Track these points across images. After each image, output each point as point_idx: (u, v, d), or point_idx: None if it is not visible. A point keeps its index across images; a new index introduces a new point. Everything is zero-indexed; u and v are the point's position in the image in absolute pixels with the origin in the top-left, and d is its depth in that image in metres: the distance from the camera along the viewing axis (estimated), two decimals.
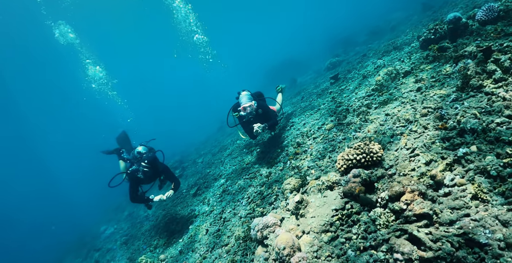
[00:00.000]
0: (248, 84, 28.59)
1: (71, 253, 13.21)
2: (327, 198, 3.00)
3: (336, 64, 11.84)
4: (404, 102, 3.84)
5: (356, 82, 6.36)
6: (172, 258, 5.13)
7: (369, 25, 17.19)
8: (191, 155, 15.92)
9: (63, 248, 15.28)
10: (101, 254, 9.95)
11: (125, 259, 7.62)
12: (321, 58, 17.81)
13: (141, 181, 5.46)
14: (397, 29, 11.85)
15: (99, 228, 13.37)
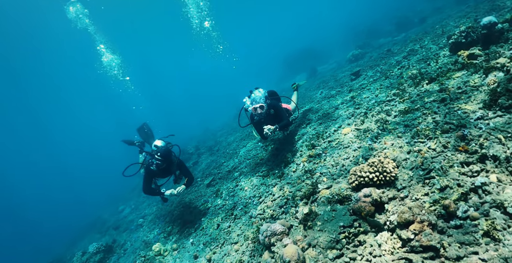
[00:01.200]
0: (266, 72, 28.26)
1: (92, 229, 14.05)
2: (336, 213, 3.01)
3: (359, 57, 11.40)
4: (426, 113, 3.69)
5: (378, 83, 6.13)
6: (184, 248, 5.37)
7: (396, 15, 16.24)
8: (207, 141, 16.17)
9: (84, 224, 16.24)
10: (118, 233, 10.53)
11: (140, 241, 8.03)
12: (343, 48, 17.19)
13: (155, 174, 5.60)
14: (426, 22, 11.16)
15: (117, 207, 14.09)
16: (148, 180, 5.51)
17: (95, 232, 13.28)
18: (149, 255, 5.58)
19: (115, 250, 8.83)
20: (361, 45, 13.55)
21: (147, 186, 5.46)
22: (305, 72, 17.50)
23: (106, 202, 17.57)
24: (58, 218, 23.09)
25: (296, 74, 20.05)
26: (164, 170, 5.60)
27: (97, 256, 8.24)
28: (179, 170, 5.94)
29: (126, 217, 12.11)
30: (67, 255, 12.09)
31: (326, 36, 24.49)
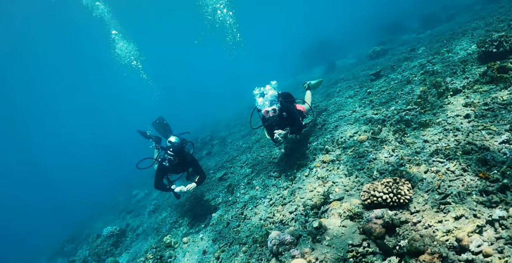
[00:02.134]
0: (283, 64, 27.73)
1: (107, 210, 14.66)
2: (346, 229, 3.01)
3: (380, 54, 11.01)
4: (448, 129, 3.56)
5: (398, 87, 5.93)
6: (194, 242, 5.54)
7: (423, 10, 15.40)
8: (221, 131, 16.28)
9: (100, 205, 16.93)
10: (132, 217, 10.96)
11: (152, 228, 8.33)
12: (365, 41, 16.57)
13: (167, 170, 5.69)
14: (454, 20, 10.56)
15: (131, 191, 14.57)
16: (160, 175, 5.62)
17: (110, 213, 13.85)
18: (160, 246, 5.78)
19: (128, 234, 9.23)
20: (383, 41, 13.00)
21: (158, 181, 5.59)
22: (323, 65, 17.08)
23: (122, 184, 18.15)
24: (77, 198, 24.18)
25: (313, 66, 19.63)
26: (176, 166, 5.69)
27: (111, 240, 8.64)
28: (192, 167, 5.98)
29: (140, 201, 12.53)
30: (83, 233, 12.74)
31: (347, 29, 23.66)
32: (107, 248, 8.28)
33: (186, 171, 6.08)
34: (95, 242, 8.66)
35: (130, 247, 8.15)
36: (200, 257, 4.95)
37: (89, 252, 8.50)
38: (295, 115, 5.28)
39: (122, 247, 8.34)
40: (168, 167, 5.53)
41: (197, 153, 13.50)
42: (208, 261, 4.67)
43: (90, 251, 8.45)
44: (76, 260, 8.52)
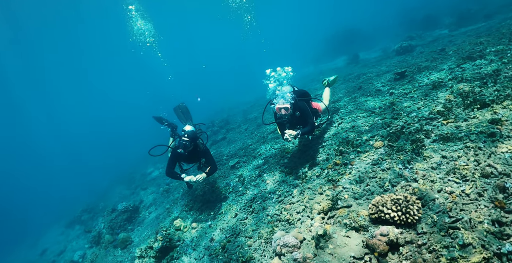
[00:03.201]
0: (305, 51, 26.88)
1: (123, 185, 15.33)
2: (350, 240, 3.05)
3: (408, 50, 10.48)
4: (469, 147, 3.43)
5: (423, 92, 5.68)
6: (202, 229, 5.77)
7: (459, 5, 14.30)
8: (237, 115, 16.34)
9: (116, 178, 17.67)
10: (146, 194, 11.43)
11: (163, 208, 8.70)
12: (393, 34, 15.79)
13: (180, 158, 5.76)
14: (492, 19, 9.80)
15: (147, 168, 15.11)
16: (172, 162, 5.68)
17: (125, 187, 14.49)
18: (170, 229, 6.06)
19: (141, 210, 9.69)
20: (412, 36, 12.28)
21: (170, 168, 5.64)
22: (346, 56, 16.50)
23: (139, 159, 18.73)
24: (98, 169, 25.37)
25: (336, 56, 19.00)
26: (190, 156, 5.75)
27: (125, 215, 9.11)
28: (204, 157, 6.02)
29: (154, 179, 13.00)
30: (99, 205, 13.47)
31: (376, 18, 22.43)
32: (121, 222, 8.78)
33: (199, 161, 6.13)
34: (110, 216, 9.18)
35: (142, 224, 8.60)
36: (207, 244, 5.16)
37: (104, 224, 9.04)
38: (308, 116, 5.10)
39: (135, 223, 8.81)
40: (182, 153, 5.53)
41: (212, 137, 13.70)
42: (214, 249, 4.87)
43: (105, 224, 8.99)
44: (92, 231, 9.10)
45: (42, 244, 13.98)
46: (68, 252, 10.41)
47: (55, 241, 12.80)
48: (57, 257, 10.73)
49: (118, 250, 7.42)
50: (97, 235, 8.71)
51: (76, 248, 10.16)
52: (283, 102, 4.87)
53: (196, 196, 7.35)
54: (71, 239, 11.63)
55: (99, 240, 8.56)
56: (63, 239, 12.29)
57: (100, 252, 7.93)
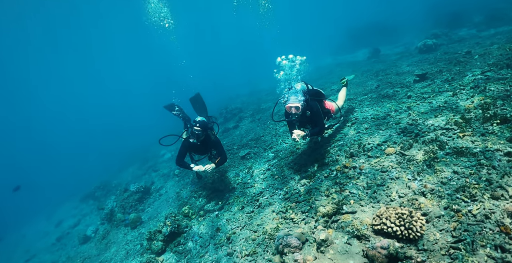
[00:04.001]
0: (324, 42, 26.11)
1: (136, 164, 15.82)
2: (351, 248, 3.14)
3: (431, 49, 10.07)
4: (482, 165, 3.38)
5: (442, 98, 5.53)
6: (209, 217, 5.98)
7: (490, 3, 13.40)
8: (251, 104, 16.32)
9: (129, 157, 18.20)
10: (157, 176, 11.78)
11: (174, 191, 9.00)
12: (417, 30, 15.09)
13: (192, 148, 5.83)
14: None
15: (159, 151, 15.47)
16: (183, 152, 5.76)
17: (138, 167, 14.95)
18: (178, 215, 6.31)
19: (152, 192, 10.05)
20: (438, 34, 11.70)
21: (180, 158, 5.72)
22: (367, 49, 15.99)
23: (153, 141, 19.11)
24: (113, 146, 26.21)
25: (357, 49, 18.43)
26: (201, 146, 5.80)
27: (136, 195, 9.49)
28: (215, 148, 6.06)
29: (166, 162, 13.33)
30: (113, 182, 14.01)
31: (401, 12, 21.32)
32: (132, 202, 9.17)
33: (209, 151, 6.17)
34: (122, 195, 9.59)
35: (152, 205, 8.96)
36: (213, 234, 5.37)
37: (116, 203, 9.48)
38: (319, 117, 4.99)
39: (145, 204, 9.19)
40: (194, 143, 5.60)
41: (225, 124, 13.82)
42: (220, 239, 5.07)
43: (117, 203, 9.42)
44: (104, 209, 9.56)
45: (57, 215, 14.81)
46: (81, 226, 11.04)
47: (70, 214, 13.53)
48: (71, 229, 11.39)
49: (128, 229, 7.81)
50: (109, 212, 9.17)
51: (89, 222, 10.75)
52: (294, 101, 4.74)
53: (205, 184, 7.53)
54: (85, 213, 12.27)
55: (111, 218, 9.01)
56: (77, 213, 12.98)
57: (112, 229, 8.39)
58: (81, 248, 8.75)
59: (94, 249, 7.90)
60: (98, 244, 8.04)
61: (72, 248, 9.20)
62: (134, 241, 6.88)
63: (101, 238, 8.24)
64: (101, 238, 8.24)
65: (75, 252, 8.61)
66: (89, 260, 7.32)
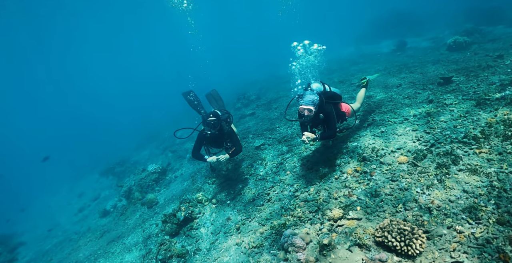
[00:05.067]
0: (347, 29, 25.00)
1: (154, 142, 16.39)
2: (351, 255, 3.32)
3: (461, 47, 9.57)
4: (494, 187, 3.39)
5: (464, 107, 5.38)
6: (222, 206, 6.27)
7: None
8: (269, 92, 16.26)
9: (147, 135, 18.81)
10: (174, 157, 12.23)
11: (189, 175, 9.38)
12: (450, 23, 14.15)
13: (207, 140, 5.93)
14: None
15: (176, 133, 15.86)
16: (198, 144, 5.91)
17: (156, 147, 15.50)
18: (193, 201, 6.67)
19: (168, 173, 10.52)
20: (470, 31, 10.95)
21: (196, 150, 5.89)
22: (392, 40, 15.31)
23: (171, 121, 19.60)
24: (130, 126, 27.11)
25: (381, 39, 17.62)
26: (215, 137, 5.87)
27: (153, 176, 9.98)
28: (229, 139, 6.13)
29: (183, 144, 13.71)
30: (131, 159, 14.68)
31: (434, 2, 19.89)
32: (149, 182, 9.68)
33: (224, 142, 6.22)
34: (140, 175, 10.13)
35: (168, 186, 9.43)
36: (224, 222, 5.69)
37: (134, 182, 10.04)
38: (332, 121, 4.89)
39: (161, 185, 9.68)
40: (208, 136, 5.66)
41: (241, 110, 13.94)
42: (229, 228, 5.39)
43: (136, 182, 9.97)
44: (123, 186, 10.16)
45: (80, 187, 15.87)
46: (101, 200, 11.84)
47: (91, 187, 14.45)
48: (92, 202, 12.25)
49: (145, 208, 8.34)
50: (127, 190, 9.75)
51: (108, 197, 11.50)
52: (307, 103, 4.66)
53: (220, 171, 7.82)
54: (105, 187, 13.08)
55: (129, 195, 9.60)
56: (97, 187, 13.85)
57: (130, 206, 8.97)
58: (100, 221, 9.47)
59: (113, 223, 8.54)
60: (116, 219, 8.68)
61: (93, 220, 9.97)
62: (149, 220, 7.37)
63: (119, 214, 8.87)
64: (119, 214, 8.87)
65: (95, 225, 9.34)
66: (108, 234, 7.95)
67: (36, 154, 23.46)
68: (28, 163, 27.86)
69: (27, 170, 26.91)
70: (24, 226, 14.42)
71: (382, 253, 2.98)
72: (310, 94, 4.75)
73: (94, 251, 7.19)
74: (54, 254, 8.89)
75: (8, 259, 10.46)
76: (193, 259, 5.17)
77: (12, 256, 10.70)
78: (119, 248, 6.68)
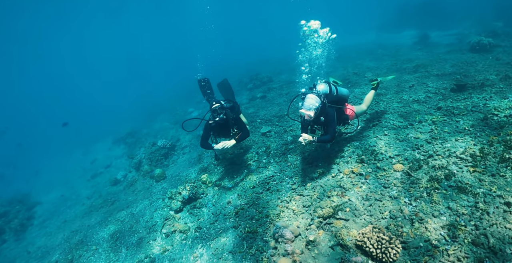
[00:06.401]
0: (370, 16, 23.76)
1: (164, 116, 16.77)
2: (333, 253, 3.69)
3: (485, 49, 9.20)
4: (478, 208, 3.58)
5: (471, 120, 5.41)
6: (224, 189, 6.66)
7: None
8: (282, 74, 16.13)
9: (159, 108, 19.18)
10: (183, 133, 12.49)
11: (196, 153, 9.80)
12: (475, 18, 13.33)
13: (214, 129, 6.06)
14: None
15: (188, 107, 16.21)
16: (205, 134, 6.05)
17: (167, 120, 15.90)
18: (197, 181, 7.11)
19: (176, 149, 10.98)
20: (497, 32, 10.32)
21: (204, 140, 6.04)
22: (415, 31, 14.65)
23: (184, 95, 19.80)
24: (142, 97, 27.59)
25: (404, 28, 16.83)
26: (221, 125, 6.00)
27: (163, 151, 10.46)
28: (236, 125, 6.18)
29: (192, 121, 14.05)
30: (143, 130, 15.21)
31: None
32: (159, 157, 10.19)
33: (231, 129, 6.23)
34: (150, 149, 10.63)
35: (176, 162, 9.93)
36: (224, 205, 6.11)
37: (145, 155, 10.58)
38: (332, 126, 4.86)
39: (170, 160, 10.18)
40: (220, 119, 5.78)
41: (253, 91, 13.99)
42: (229, 211, 5.81)
43: (146, 155, 10.51)
44: (134, 158, 10.74)
45: (92, 153, 16.71)
46: (112, 168, 12.57)
47: (104, 155, 15.22)
48: (104, 169, 13.01)
49: (153, 182, 8.90)
50: (138, 162, 10.33)
51: (120, 166, 12.19)
52: (308, 109, 4.58)
53: (225, 153, 8.15)
54: (116, 156, 13.79)
55: (139, 167, 10.18)
56: (110, 155, 14.58)
57: (139, 178, 9.57)
58: (111, 189, 10.18)
59: (123, 193, 9.20)
60: (126, 189, 9.33)
61: (104, 188, 10.71)
62: (157, 194, 7.93)
63: (129, 184, 9.51)
64: (129, 184, 9.51)
65: (106, 192, 10.07)
66: (118, 202, 8.62)
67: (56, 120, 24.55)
68: (48, 129, 29.38)
69: (47, 135, 28.38)
70: (40, 187, 15.52)
71: (359, 257, 3.31)
72: (312, 97, 4.63)
73: (105, 218, 7.88)
74: (67, 216, 9.75)
75: (26, 216, 11.49)
76: (194, 235, 5.68)
77: (30, 214, 11.73)
78: (128, 217, 7.31)
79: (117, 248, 6.43)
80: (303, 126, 5.16)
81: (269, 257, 4.23)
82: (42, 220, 10.91)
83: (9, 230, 10.65)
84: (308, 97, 4.65)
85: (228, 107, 6.32)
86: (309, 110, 4.58)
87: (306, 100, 4.65)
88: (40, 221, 10.96)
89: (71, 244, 7.38)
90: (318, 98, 4.69)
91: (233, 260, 4.58)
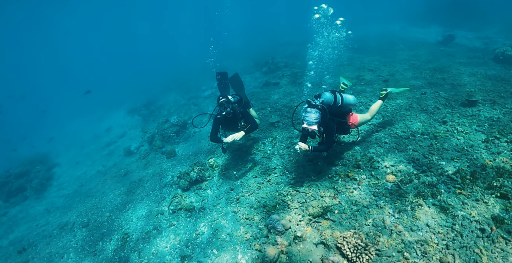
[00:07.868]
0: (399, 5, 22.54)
1: (179, 90, 17.10)
2: (315, 250, 4.20)
3: (509, 62, 8.96)
4: (454, 229, 3.95)
5: (472, 140, 5.58)
6: (228, 175, 7.09)
7: None
8: (298, 60, 15.90)
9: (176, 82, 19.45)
10: (196, 111, 13.02)
11: (207, 134, 10.26)
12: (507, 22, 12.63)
13: (222, 123, 6.26)
14: None
15: (201, 85, 16.42)
16: (214, 128, 6.23)
17: (181, 95, 16.25)
18: (205, 164, 7.63)
19: (188, 127, 11.43)
20: None
21: (213, 134, 6.22)
22: (441, 28, 14.05)
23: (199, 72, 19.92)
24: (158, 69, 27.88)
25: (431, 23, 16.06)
26: (230, 119, 6.23)
27: (175, 128, 10.97)
28: (244, 119, 6.34)
29: (206, 98, 14.40)
30: (157, 103, 15.68)
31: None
32: (171, 133, 10.73)
33: (239, 122, 6.40)
34: (163, 125, 11.16)
35: (187, 140, 10.43)
36: (227, 190, 6.60)
37: (158, 131, 11.13)
38: (330, 137, 4.96)
39: (181, 138, 10.70)
40: (227, 112, 5.97)
41: (267, 76, 14.04)
42: (231, 197, 6.32)
43: (158, 131, 11.07)
44: (147, 133, 11.33)
45: (107, 121, 17.41)
46: (126, 139, 13.25)
47: (118, 124, 15.90)
48: (118, 139, 13.72)
49: (164, 157, 9.51)
50: (150, 137, 10.92)
51: (133, 137, 12.85)
52: (310, 123, 4.64)
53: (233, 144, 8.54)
54: (130, 126, 14.44)
55: (151, 142, 10.79)
56: (124, 124, 15.25)
57: (151, 152, 10.21)
58: (125, 159, 10.91)
59: (135, 165, 9.90)
60: (138, 162, 10.02)
61: (118, 157, 11.46)
62: (167, 171, 8.55)
63: (141, 157, 10.18)
64: (141, 157, 10.18)
65: (120, 162, 10.82)
66: (131, 174, 9.34)
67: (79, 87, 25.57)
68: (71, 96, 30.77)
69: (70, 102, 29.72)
70: (59, 149, 16.50)
71: (336, 257, 3.81)
72: (313, 112, 4.62)
73: (118, 187, 8.64)
74: (84, 180, 10.61)
75: (46, 177, 12.49)
76: (197, 215, 6.29)
77: (49, 175, 12.72)
78: (139, 189, 8.01)
79: (128, 217, 7.18)
80: (303, 134, 5.31)
81: (261, 244, 4.80)
82: (61, 182, 11.89)
83: (30, 189, 11.68)
84: (309, 112, 4.65)
85: (234, 102, 6.47)
86: (311, 125, 4.65)
87: (307, 115, 4.64)
88: (59, 182, 11.95)
89: (87, 208, 8.21)
90: (318, 112, 4.65)
91: (230, 242, 5.16)
